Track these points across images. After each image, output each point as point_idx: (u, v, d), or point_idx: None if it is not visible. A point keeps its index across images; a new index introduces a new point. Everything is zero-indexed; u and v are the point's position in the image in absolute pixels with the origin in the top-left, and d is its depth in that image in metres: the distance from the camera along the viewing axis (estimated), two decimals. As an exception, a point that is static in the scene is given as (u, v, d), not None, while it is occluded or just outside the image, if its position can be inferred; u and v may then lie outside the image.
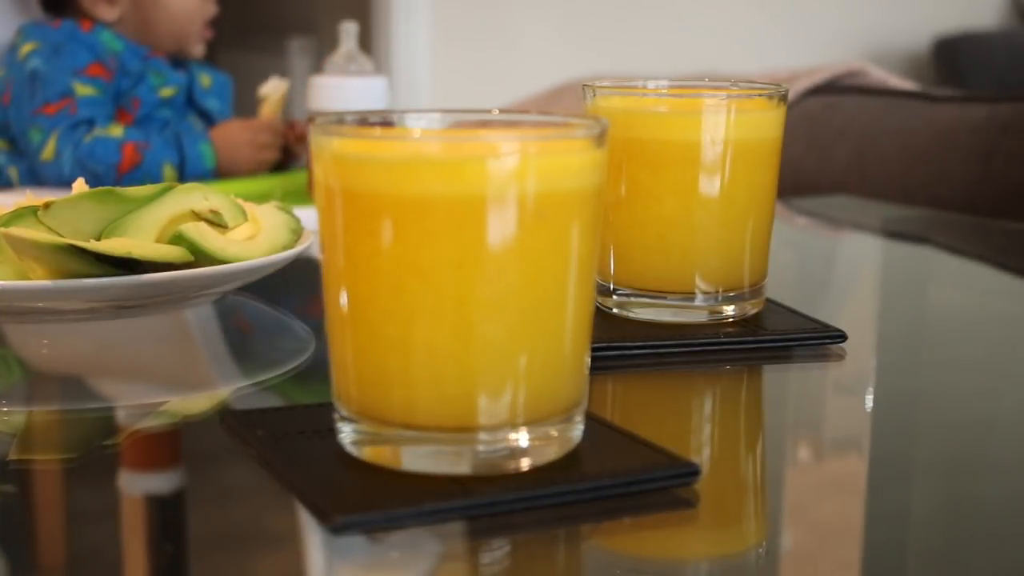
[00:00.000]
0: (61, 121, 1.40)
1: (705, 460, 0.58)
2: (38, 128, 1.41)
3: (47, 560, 0.50)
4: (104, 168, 1.40)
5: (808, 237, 1.28)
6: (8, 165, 1.47)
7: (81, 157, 1.39)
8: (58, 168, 1.40)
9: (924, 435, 0.64)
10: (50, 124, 1.41)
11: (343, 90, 1.36)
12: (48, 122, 1.41)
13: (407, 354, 0.50)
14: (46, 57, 1.44)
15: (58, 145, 1.39)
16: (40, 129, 1.41)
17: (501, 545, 0.49)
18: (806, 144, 1.74)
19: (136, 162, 1.40)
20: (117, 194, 0.77)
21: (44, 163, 1.41)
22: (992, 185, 1.49)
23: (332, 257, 0.52)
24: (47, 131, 1.40)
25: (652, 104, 0.77)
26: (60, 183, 1.39)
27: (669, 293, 0.74)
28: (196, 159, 1.44)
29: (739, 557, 0.50)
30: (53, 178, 1.40)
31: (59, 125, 1.40)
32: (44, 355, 0.79)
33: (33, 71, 1.43)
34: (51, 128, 1.40)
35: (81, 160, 1.39)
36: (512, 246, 0.50)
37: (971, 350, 0.80)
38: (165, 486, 0.57)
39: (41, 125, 1.41)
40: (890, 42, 3.47)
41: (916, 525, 0.53)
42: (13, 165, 1.46)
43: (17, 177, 1.46)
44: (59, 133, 1.40)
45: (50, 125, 1.40)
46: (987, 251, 1.16)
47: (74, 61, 1.44)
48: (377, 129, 0.56)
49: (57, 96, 1.42)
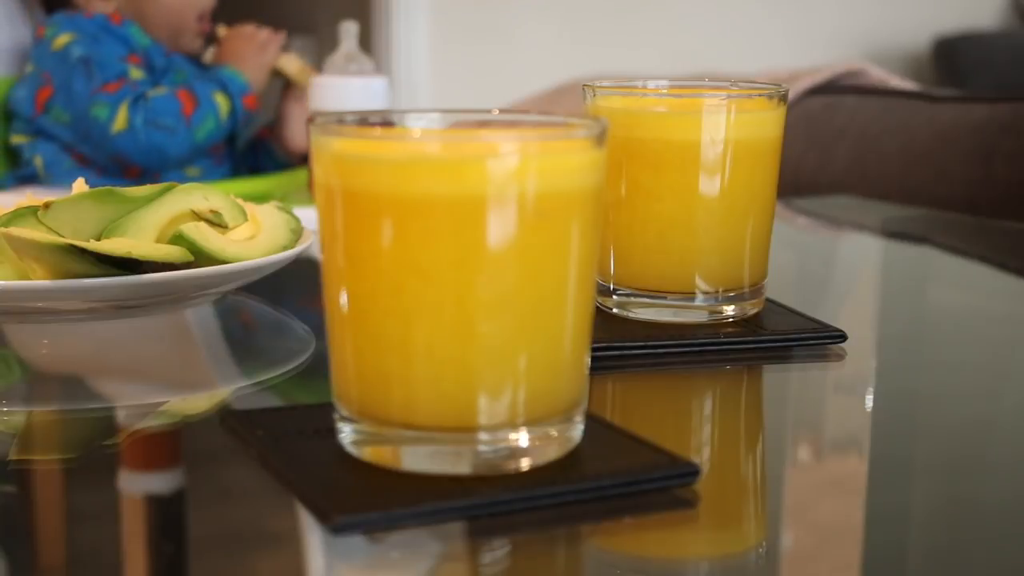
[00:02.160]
0: (125, 94, 1.44)
1: (705, 460, 0.58)
2: (101, 104, 1.44)
3: (47, 560, 0.50)
4: (174, 119, 1.45)
5: (808, 237, 1.28)
6: (33, 155, 1.48)
7: (151, 117, 1.44)
8: (133, 134, 1.44)
9: (924, 435, 0.64)
10: (114, 99, 1.44)
11: (343, 90, 1.36)
12: (111, 98, 1.44)
13: (407, 354, 0.50)
14: (89, 45, 1.47)
15: (129, 114, 1.44)
16: (104, 105, 1.44)
17: (501, 545, 0.49)
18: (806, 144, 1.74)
19: (194, 102, 1.47)
20: (117, 194, 0.77)
21: (117, 134, 1.44)
22: (992, 185, 1.49)
23: (332, 257, 0.52)
24: (113, 105, 1.44)
25: (652, 104, 0.77)
26: (136, 149, 1.44)
27: (669, 293, 0.74)
28: (231, 80, 1.51)
29: (739, 557, 0.50)
30: (128, 146, 1.44)
31: (125, 97, 1.44)
32: (44, 355, 0.79)
33: (83, 57, 1.46)
34: (117, 102, 1.44)
35: (153, 120, 1.44)
36: (512, 246, 0.50)
37: (971, 350, 0.80)
38: (165, 486, 0.57)
39: (104, 101, 1.44)
40: (890, 42, 3.47)
41: (916, 525, 0.53)
42: (38, 154, 1.48)
43: (43, 165, 1.48)
44: (128, 103, 1.44)
45: (115, 100, 1.44)
46: (987, 251, 1.16)
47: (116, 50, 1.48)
48: (377, 129, 0.56)
49: (115, 76, 1.47)
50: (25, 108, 1.49)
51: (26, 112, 1.49)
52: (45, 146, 1.49)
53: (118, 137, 1.44)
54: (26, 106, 1.49)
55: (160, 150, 1.44)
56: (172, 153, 1.45)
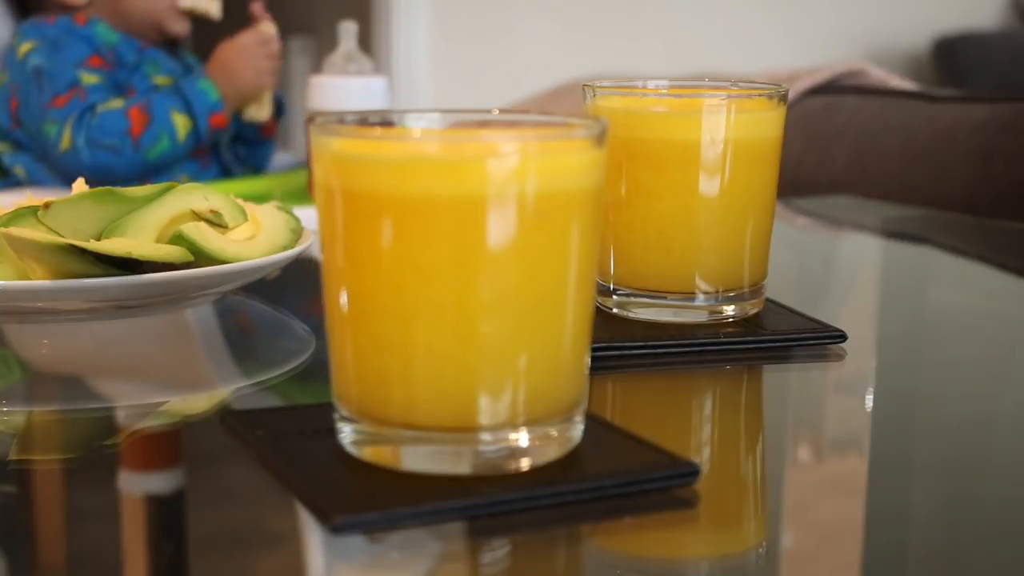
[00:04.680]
0: (72, 110, 1.41)
1: (705, 460, 0.58)
2: (51, 121, 1.42)
3: (47, 560, 0.50)
4: (118, 138, 1.40)
5: (808, 237, 1.28)
6: (14, 164, 1.47)
7: (93, 136, 1.40)
8: (76, 156, 1.40)
9: (924, 435, 0.64)
10: (62, 115, 1.41)
11: (343, 90, 1.36)
12: (59, 114, 1.41)
13: (407, 354, 0.50)
14: (46, 53, 1.45)
15: (72, 133, 1.40)
16: (53, 122, 1.42)
17: (501, 545, 0.49)
18: (806, 144, 1.74)
19: (146, 122, 1.41)
20: (117, 194, 0.77)
21: (63, 154, 1.41)
22: (992, 185, 1.49)
23: (332, 257, 0.52)
24: (61, 122, 1.41)
25: (652, 104, 0.77)
26: (83, 170, 1.39)
27: (669, 293, 0.74)
28: (200, 96, 1.45)
29: (739, 557, 0.50)
30: (74, 167, 1.40)
31: (71, 114, 1.41)
32: (44, 355, 0.79)
33: (36, 68, 1.44)
34: (64, 119, 1.41)
35: (94, 139, 1.40)
36: (512, 246, 0.50)
37: (971, 350, 0.80)
38: (165, 486, 0.57)
39: (54, 118, 1.42)
40: (890, 42, 3.47)
41: (916, 525, 0.53)
42: (18, 163, 1.47)
43: (24, 173, 1.47)
44: (72, 122, 1.40)
45: (62, 116, 1.41)
46: (987, 251, 1.16)
47: (74, 54, 1.45)
48: (377, 129, 0.56)
49: (65, 87, 1.43)
50: (3, 119, 1.48)
51: (4, 123, 1.48)
52: (23, 156, 1.48)
53: (64, 156, 1.41)
54: (3, 117, 1.48)
55: (107, 169, 1.39)
56: (120, 172, 1.40)
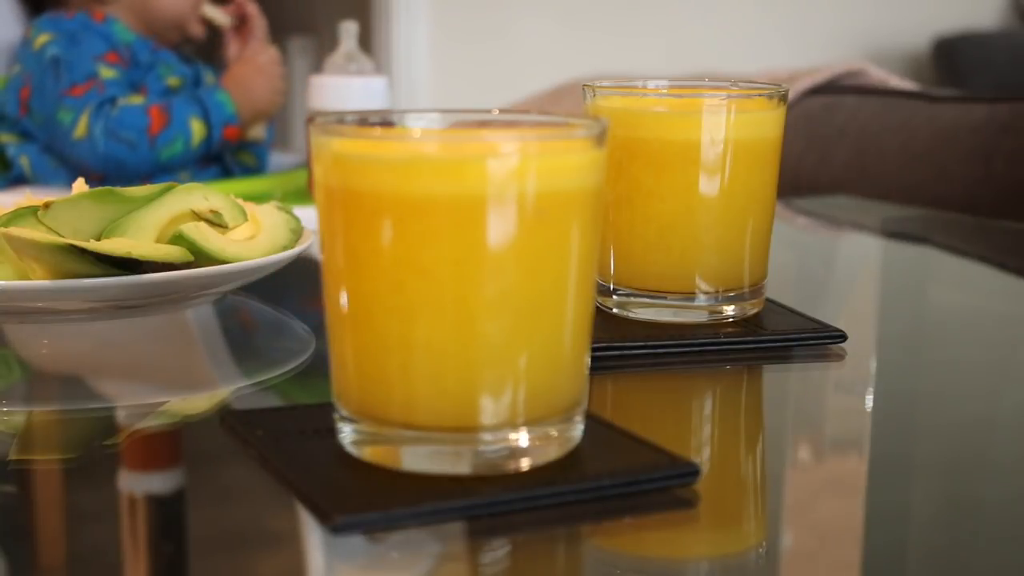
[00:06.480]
0: (90, 99, 1.42)
1: (705, 460, 0.58)
2: (67, 109, 1.42)
3: (47, 560, 0.50)
4: (136, 133, 1.41)
5: (808, 237, 1.28)
6: (19, 155, 1.48)
7: (112, 128, 1.41)
8: (92, 144, 1.41)
9: (924, 435, 0.64)
10: (79, 104, 1.42)
11: (343, 90, 1.36)
12: (77, 102, 1.42)
13: (407, 354, 0.50)
14: (64, 45, 1.46)
15: (90, 121, 1.41)
16: (69, 109, 1.42)
17: (501, 545, 0.49)
18: (806, 144, 1.74)
19: (165, 122, 1.42)
20: (117, 194, 0.77)
21: (77, 141, 1.42)
22: (992, 185, 1.49)
23: (332, 257, 0.52)
24: (77, 110, 1.42)
25: (652, 104, 0.77)
26: (95, 159, 1.41)
27: (669, 293, 0.74)
28: (217, 107, 1.46)
29: (739, 557, 0.50)
30: (87, 154, 1.41)
31: (89, 103, 1.42)
32: (44, 355, 0.79)
33: (54, 57, 1.45)
34: (81, 107, 1.42)
35: (113, 131, 1.41)
36: (512, 246, 0.50)
37: (971, 350, 0.80)
38: (165, 486, 0.57)
39: (70, 105, 1.42)
40: (890, 42, 3.47)
41: (916, 525, 0.53)
42: (24, 153, 1.47)
43: (28, 165, 1.47)
44: (90, 110, 1.41)
45: (79, 104, 1.42)
46: (987, 251, 1.16)
47: (93, 48, 1.47)
48: (377, 129, 0.56)
49: (84, 78, 1.44)
50: (11, 109, 1.49)
51: (12, 113, 1.49)
52: (29, 147, 1.48)
53: (78, 144, 1.42)
54: (12, 107, 1.49)
55: (119, 162, 1.40)
56: (132, 167, 1.41)
